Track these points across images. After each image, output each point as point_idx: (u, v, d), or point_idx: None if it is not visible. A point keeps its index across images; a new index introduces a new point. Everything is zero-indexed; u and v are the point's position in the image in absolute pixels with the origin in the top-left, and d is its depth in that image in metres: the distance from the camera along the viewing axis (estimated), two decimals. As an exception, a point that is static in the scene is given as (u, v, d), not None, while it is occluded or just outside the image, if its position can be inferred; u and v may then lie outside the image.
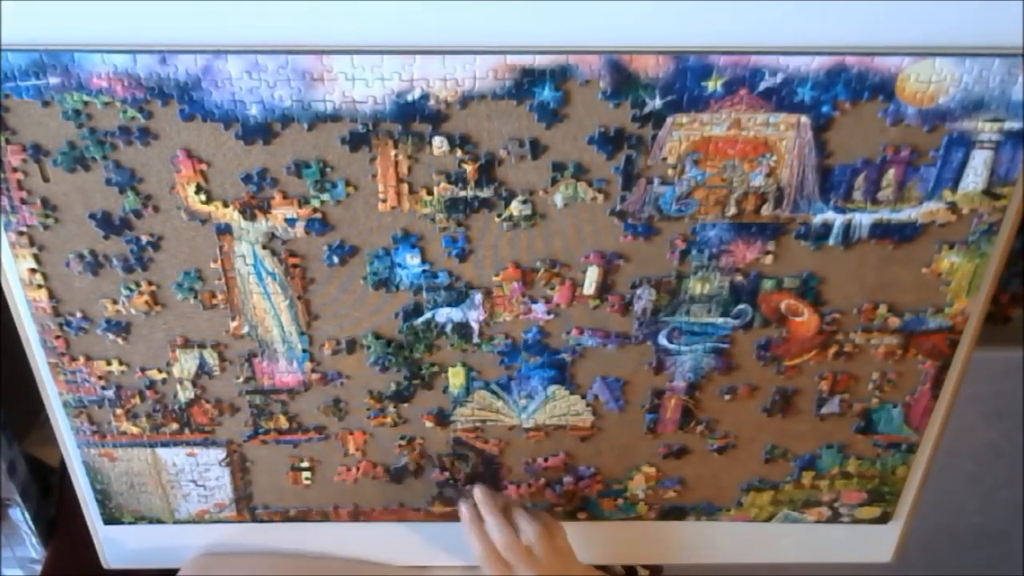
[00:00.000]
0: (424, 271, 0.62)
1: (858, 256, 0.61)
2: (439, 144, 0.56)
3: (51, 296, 0.63)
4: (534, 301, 0.63)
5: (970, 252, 0.61)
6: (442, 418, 0.70)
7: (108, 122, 0.55)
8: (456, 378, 0.68)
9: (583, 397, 0.69)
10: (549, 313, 0.64)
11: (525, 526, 0.68)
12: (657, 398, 0.69)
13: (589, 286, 0.63)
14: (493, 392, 0.68)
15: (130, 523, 0.77)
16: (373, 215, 0.59)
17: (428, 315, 0.64)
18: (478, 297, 0.63)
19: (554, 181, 0.58)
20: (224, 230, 0.60)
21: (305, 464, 0.73)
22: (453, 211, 0.59)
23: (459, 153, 0.57)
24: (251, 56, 0.53)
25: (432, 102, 0.55)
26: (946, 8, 0.52)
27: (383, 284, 0.62)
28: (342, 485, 0.74)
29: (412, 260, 0.61)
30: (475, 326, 0.65)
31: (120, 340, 0.65)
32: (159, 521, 0.77)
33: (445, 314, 0.64)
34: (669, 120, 0.55)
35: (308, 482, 0.74)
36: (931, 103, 0.55)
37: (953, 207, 0.59)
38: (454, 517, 0.77)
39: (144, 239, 0.60)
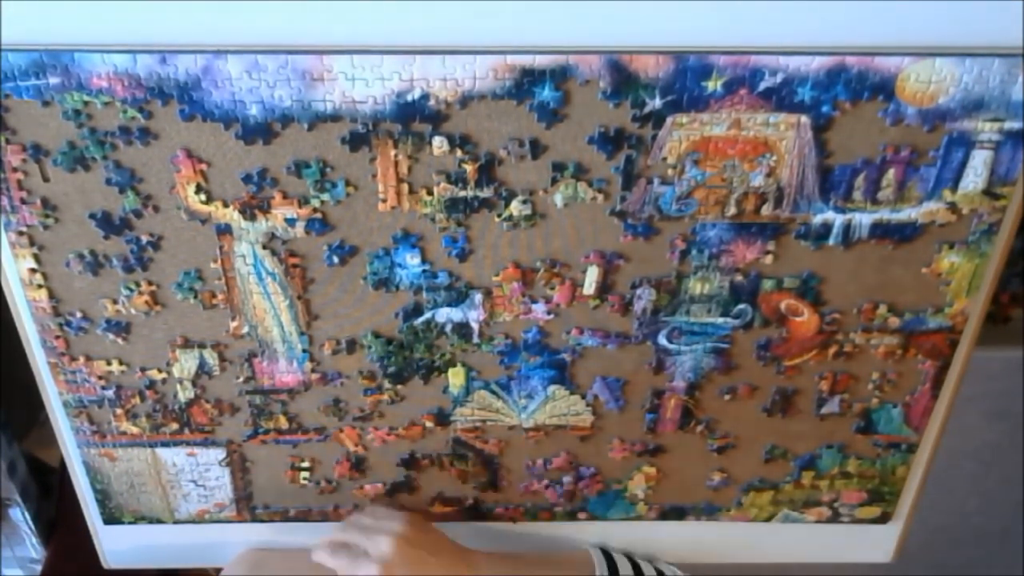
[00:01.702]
0: (424, 271, 0.62)
1: (858, 256, 0.61)
2: (439, 144, 0.56)
3: (51, 296, 0.63)
4: (534, 301, 0.63)
5: (970, 252, 0.61)
6: (442, 418, 0.70)
7: (108, 122, 0.55)
8: (456, 378, 0.68)
9: (583, 397, 0.69)
10: (549, 313, 0.64)
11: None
12: (657, 398, 0.69)
13: (589, 286, 0.63)
14: (493, 392, 0.68)
15: (130, 523, 0.77)
16: (373, 215, 0.59)
17: (428, 315, 0.64)
18: (478, 297, 0.63)
19: (554, 181, 0.58)
20: (224, 230, 0.60)
21: (306, 464, 0.73)
22: (453, 211, 0.59)
23: (459, 153, 0.57)
24: (251, 56, 0.53)
25: (432, 102, 0.55)
26: (946, 8, 0.52)
27: (383, 284, 0.62)
28: (343, 484, 0.74)
29: (412, 260, 0.61)
30: (475, 326, 0.65)
31: (120, 340, 0.65)
32: (159, 521, 0.77)
33: (445, 314, 0.64)
34: (669, 120, 0.55)
35: (306, 482, 0.74)
36: (931, 103, 0.55)
37: (953, 207, 0.59)
38: (454, 518, 0.77)
39: (144, 239, 0.60)
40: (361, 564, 0.65)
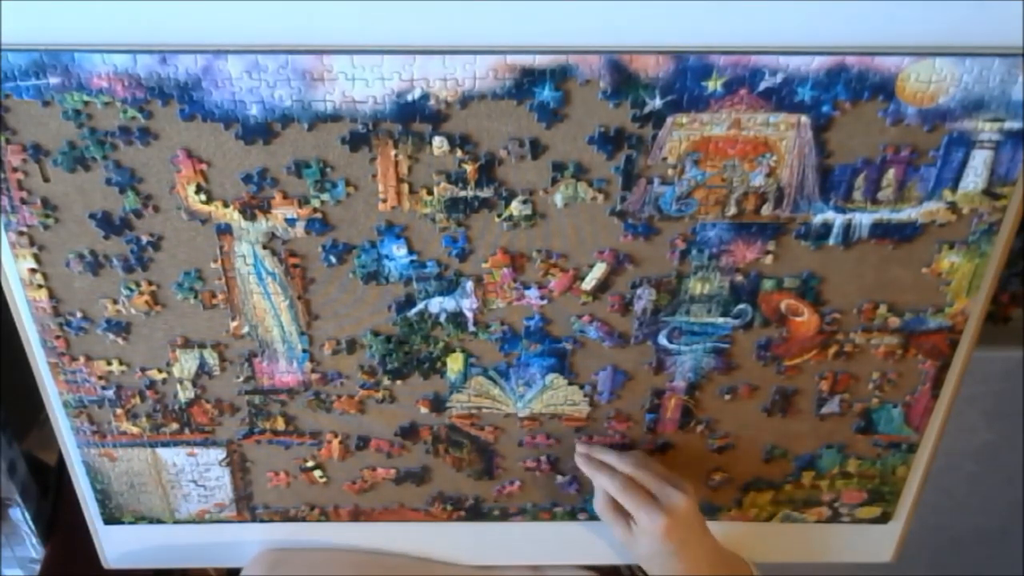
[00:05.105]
0: (412, 261, 0.61)
1: (858, 256, 0.61)
2: (439, 144, 0.56)
3: (51, 296, 0.63)
4: (527, 287, 0.63)
5: (970, 252, 0.61)
6: (437, 404, 0.70)
7: (108, 122, 0.55)
8: (454, 363, 0.67)
9: (581, 387, 0.69)
10: (543, 299, 0.63)
11: (660, 481, 0.66)
12: (657, 398, 0.69)
13: (589, 281, 0.62)
14: (491, 379, 0.68)
15: (130, 523, 0.77)
16: (373, 215, 0.59)
17: (421, 305, 0.64)
18: (469, 285, 0.63)
19: (554, 181, 0.58)
20: (224, 230, 0.60)
21: (310, 464, 0.73)
22: (453, 211, 0.59)
23: (459, 153, 0.57)
24: (251, 56, 0.53)
25: (432, 102, 0.55)
26: (946, 8, 0.52)
27: (372, 277, 0.62)
28: (343, 484, 0.74)
29: (399, 251, 0.61)
30: (469, 314, 0.64)
31: (120, 340, 0.65)
32: (159, 521, 0.77)
33: (438, 303, 0.64)
34: (669, 120, 0.55)
35: (323, 479, 0.74)
36: (931, 103, 0.55)
37: (953, 207, 0.59)
38: (454, 519, 0.77)
39: (144, 239, 0.60)
40: (651, 507, 0.64)
